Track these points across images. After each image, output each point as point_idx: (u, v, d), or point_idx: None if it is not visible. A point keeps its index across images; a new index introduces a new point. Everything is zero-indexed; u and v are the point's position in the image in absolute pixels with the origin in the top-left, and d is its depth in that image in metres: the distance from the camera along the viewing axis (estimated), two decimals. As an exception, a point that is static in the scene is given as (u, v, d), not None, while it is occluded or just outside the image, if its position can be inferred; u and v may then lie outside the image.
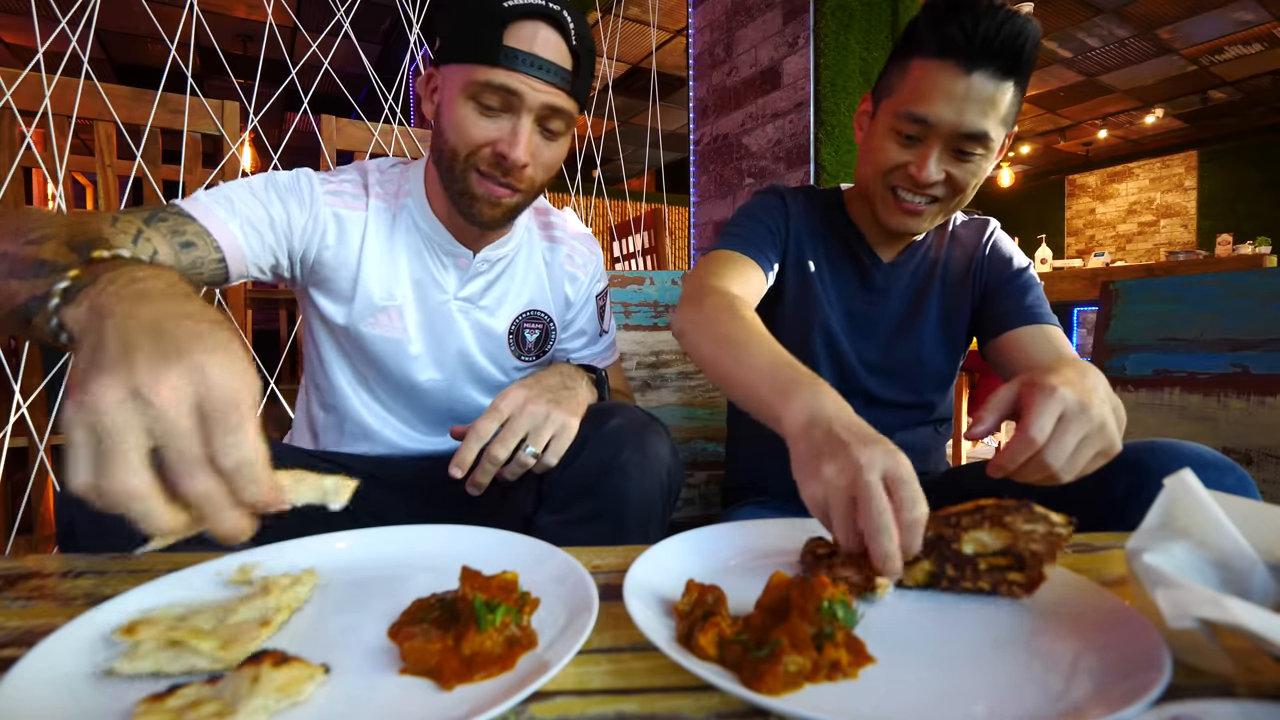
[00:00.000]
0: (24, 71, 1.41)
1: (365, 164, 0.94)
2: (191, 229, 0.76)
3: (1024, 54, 0.78)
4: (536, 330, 0.99)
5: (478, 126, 0.80)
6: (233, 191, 0.81)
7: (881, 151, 0.88)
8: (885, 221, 0.92)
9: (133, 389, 0.36)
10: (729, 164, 2.83)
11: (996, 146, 0.84)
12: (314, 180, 0.87)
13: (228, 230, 0.79)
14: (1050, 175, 10.43)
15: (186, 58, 1.74)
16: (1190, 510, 0.44)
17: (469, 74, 0.79)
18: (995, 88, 0.79)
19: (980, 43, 0.77)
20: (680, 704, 0.35)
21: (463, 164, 0.82)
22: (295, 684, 0.33)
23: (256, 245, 0.82)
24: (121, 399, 0.36)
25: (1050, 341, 0.90)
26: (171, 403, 0.36)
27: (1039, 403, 0.53)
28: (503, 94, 0.78)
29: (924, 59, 0.82)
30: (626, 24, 4.84)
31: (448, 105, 0.82)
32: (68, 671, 0.36)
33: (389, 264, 0.89)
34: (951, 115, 0.81)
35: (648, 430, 0.76)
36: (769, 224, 0.97)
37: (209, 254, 0.78)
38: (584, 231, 1.07)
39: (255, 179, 0.85)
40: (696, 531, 0.57)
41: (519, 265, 0.98)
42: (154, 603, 0.44)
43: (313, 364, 0.99)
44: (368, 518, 0.89)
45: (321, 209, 0.86)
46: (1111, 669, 0.37)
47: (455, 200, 0.85)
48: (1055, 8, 5.36)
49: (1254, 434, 1.18)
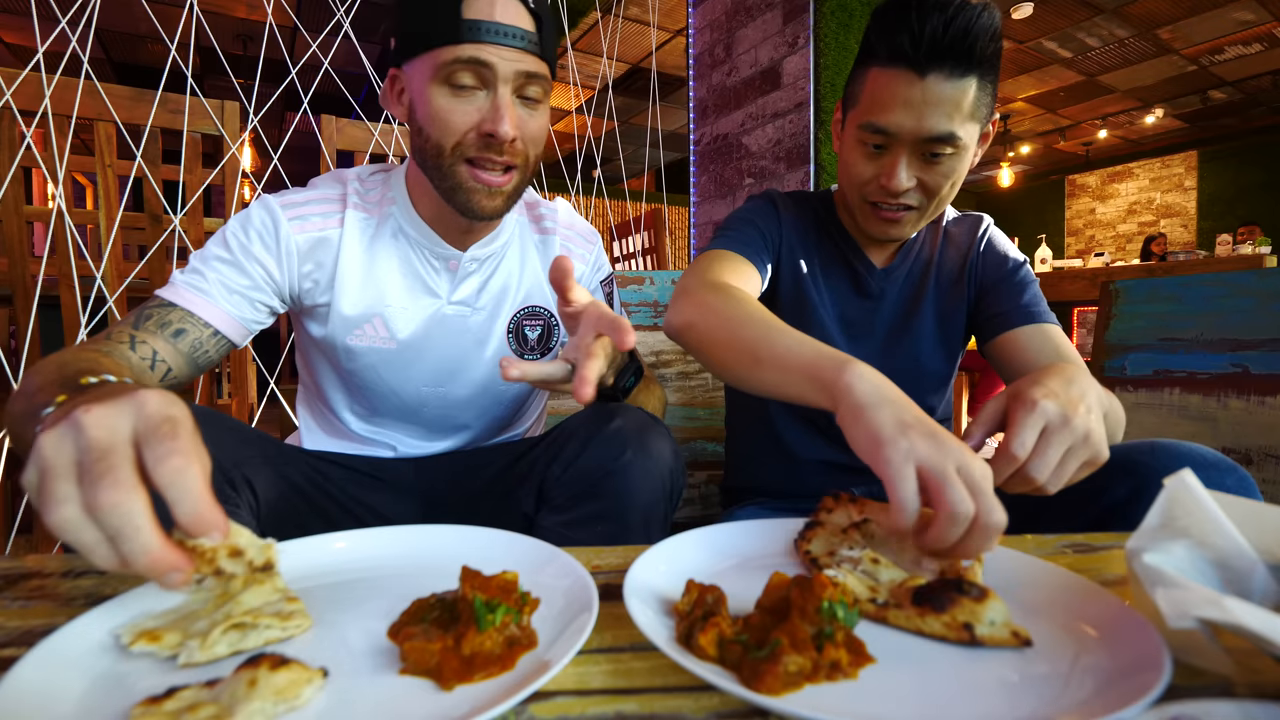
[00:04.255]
0: (24, 71, 1.41)
1: (344, 173, 0.91)
2: (176, 316, 0.77)
3: (977, 49, 0.76)
4: (538, 327, 0.97)
5: (456, 111, 0.77)
6: (206, 265, 0.81)
7: (853, 166, 0.88)
8: (867, 230, 0.93)
9: (66, 423, 0.37)
10: (729, 164, 2.83)
11: (969, 143, 0.82)
12: (276, 214, 0.83)
13: (213, 307, 0.79)
14: (1050, 175, 10.43)
15: (186, 58, 1.74)
16: (1190, 510, 0.44)
17: (434, 58, 0.76)
18: (954, 87, 0.77)
19: (928, 46, 0.76)
20: (680, 704, 0.35)
21: (450, 157, 0.79)
22: (293, 687, 0.33)
23: (246, 309, 0.82)
24: (59, 433, 0.37)
25: (1049, 340, 0.90)
26: (96, 422, 0.37)
27: (1020, 418, 0.54)
28: (474, 68, 0.75)
29: (879, 67, 0.81)
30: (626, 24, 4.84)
31: (419, 99, 0.79)
32: (68, 671, 0.36)
33: (370, 274, 0.87)
34: (911, 123, 0.79)
35: (649, 431, 0.75)
36: (762, 228, 0.97)
37: (203, 334, 0.79)
38: (580, 222, 1.04)
39: (224, 236, 0.83)
40: (696, 531, 0.57)
41: (512, 261, 0.95)
42: (155, 604, 0.44)
43: (305, 377, 0.98)
44: (368, 517, 0.89)
45: (291, 242, 0.84)
46: (1111, 669, 0.37)
47: (449, 197, 0.82)
48: (1055, 8, 5.36)
49: (1254, 434, 1.18)
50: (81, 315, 1.49)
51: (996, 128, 0.89)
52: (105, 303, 1.53)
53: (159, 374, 0.75)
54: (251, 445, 0.78)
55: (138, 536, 0.36)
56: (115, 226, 1.50)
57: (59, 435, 0.37)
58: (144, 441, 0.38)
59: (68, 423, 0.38)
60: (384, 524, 0.59)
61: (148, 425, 0.38)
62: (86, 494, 0.36)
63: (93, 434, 0.37)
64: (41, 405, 0.49)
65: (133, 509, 0.36)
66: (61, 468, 0.37)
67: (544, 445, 0.84)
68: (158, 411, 0.39)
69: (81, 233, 1.65)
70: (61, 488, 0.36)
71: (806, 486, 1.02)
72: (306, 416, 1.00)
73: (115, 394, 0.40)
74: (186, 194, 1.59)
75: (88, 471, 0.36)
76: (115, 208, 1.49)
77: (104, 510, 0.35)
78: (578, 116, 2.75)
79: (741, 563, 0.55)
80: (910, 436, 0.48)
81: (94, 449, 0.37)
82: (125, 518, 0.35)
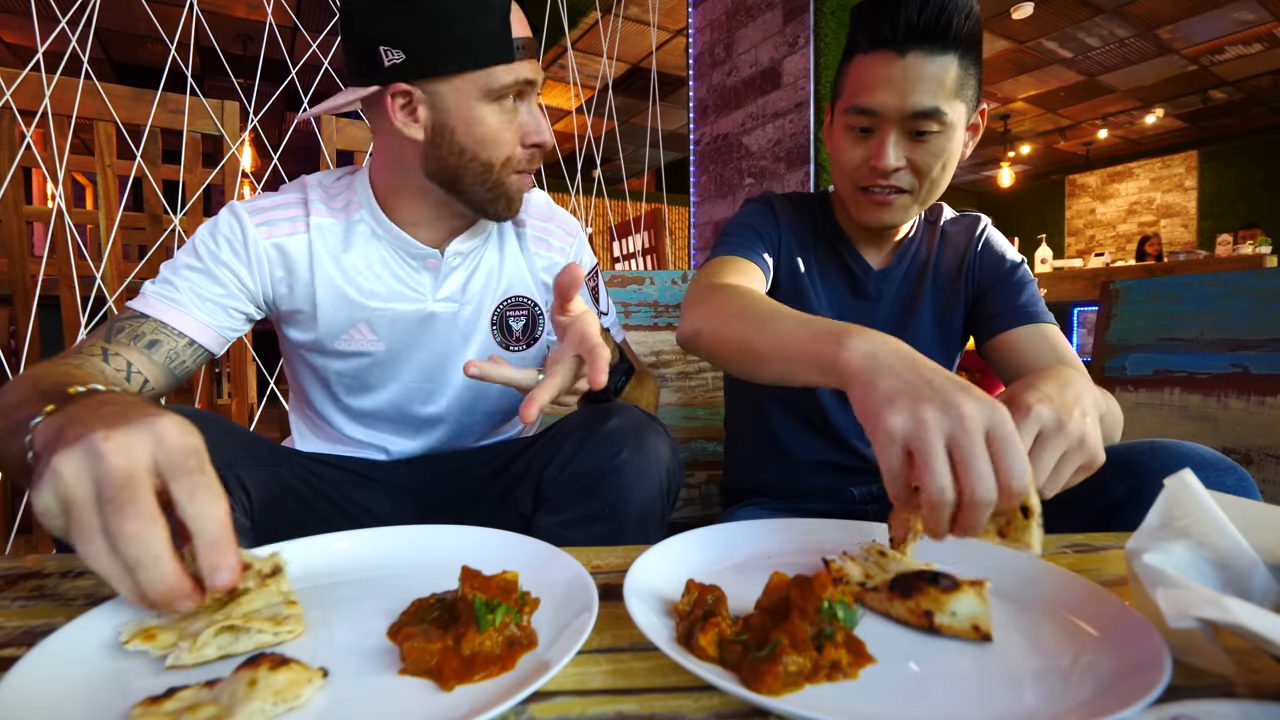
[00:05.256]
0: (24, 71, 1.41)
1: (306, 180, 0.89)
2: (149, 327, 0.76)
3: (953, 27, 0.78)
4: (522, 317, 0.95)
5: (506, 130, 0.80)
6: (177, 275, 0.80)
7: (843, 153, 0.89)
8: (860, 219, 0.92)
9: (83, 447, 0.37)
10: (729, 164, 2.83)
11: (956, 122, 0.83)
12: (244, 220, 0.82)
13: (186, 317, 0.78)
14: (1050, 175, 10.43)
15: (186, 58, 1.74)
16: (1190, 510, 0.44)
17: (488, 79, 0.76)
18: (935, 65, 0.80)
19: (906, 27, 0.79)
20: (680, 704, 0.35)
21: (499, 172, 0.81)
22: (293, 687, 0.33)
23: (221, 317, 0.81)
24: (78, 457, 0.37)
25: (1047, 340, 0.90)
26: (118, 449, 0.37)
27: (1015, 424, 0.53)
28: (522, 87, 0.78)
29: (861, 55, 0.84)
30: (626, 24, 4.84)
31: (463, 118, 0.78)
32: (68, 671, 0.36)
33: (347, 279, 0.85)
34: (895, 100, 0.81)
35: (647, 430, 0.75)
36: (761, 231, 0.97)
37: (178, 344, 0.78)
38: (560, 212, 1.01)
39: (194, 244, 0.82)
40: (696, 531, 0.57)
41: (492, 253, 0.94)
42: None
43: (293, 383, 0.98)
44: (364, 518, 0.89)
45: (260, 248, 0.83)
46: (1111, 669, 0.37)
47: (483, 206, 0.83)
48: (1055, 8, 5.36)
49: (1254, 434, 1.18)
50: (81, 315, 1.49)
51: (986, 118, 0.90)
52: (105, 303, 1.53)
53: (135, 385, 0.74)
54: (244, 446, 0.78)
55: (156, 566, 0.36)
56: (115, 226, 1.50)
57: (78, 461, 0.37)
58: (169, 474, 0.38)
59: (86, 448, 0.37)
60: (380, 525, 0.59)
61: (171, 457, 0.39)
62: (109, 522, 0.36)
63: (113, 461, 0.37)
64: (26, 418, 0.48)
65: (153, 539, 0.36)
66: (87, 499, 0.37)
67: (540, 445, 0.84)
68: (180, 443, 0.39)
69: (81, 233, 1.65)
70: (91, 519, 0.37)
71: (806, 487, 1.02)
72: (297, 421, 0.99)
73: (126, 415, 0.40)
74: (186, 194, 1.59)
75: (109, 501, 0.37)
76: (115, 208, 1.49)
77: (125, 539, 0.36)
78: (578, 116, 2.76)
79: (741, 563, 0.55)
80: (899, 409, 0.45)
81: (115, 478, 0.37)
82: (145, 548, 0.36)
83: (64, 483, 0.37)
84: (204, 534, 0.38)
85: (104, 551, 0.36)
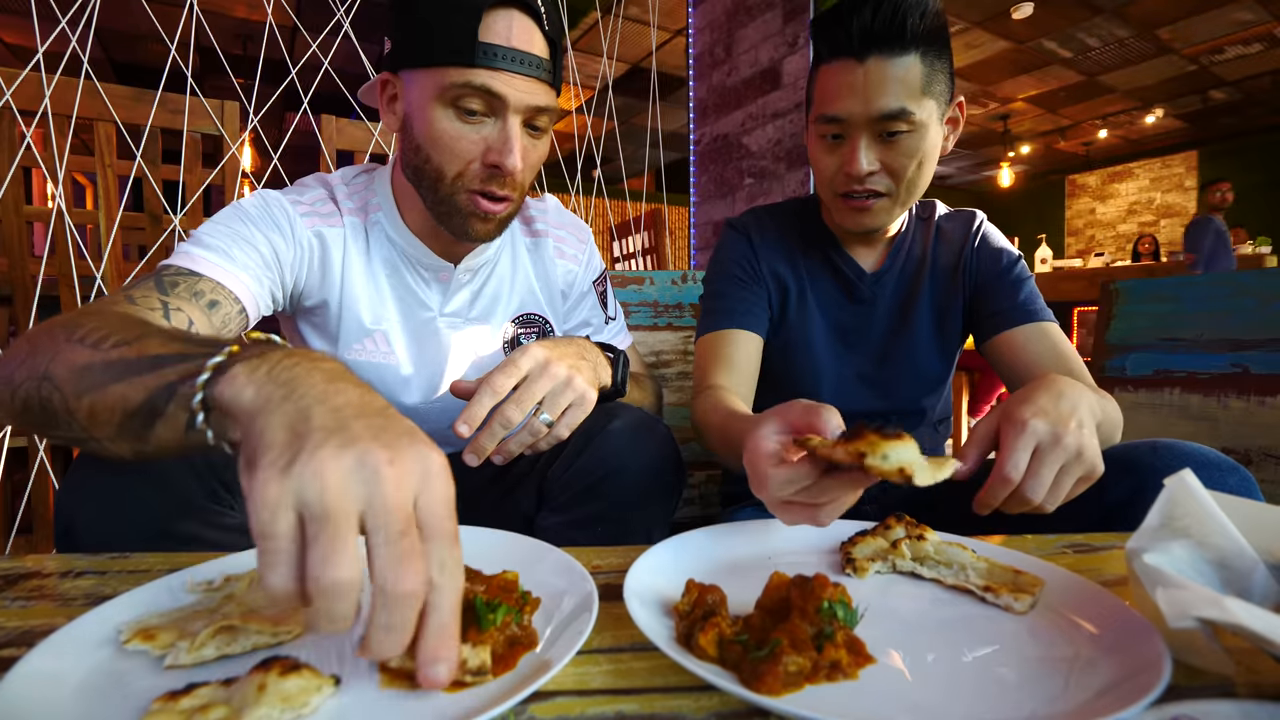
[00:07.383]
0: (24, 71, 1.41)
1: (326, 176, 0.87)
2: (207, 286, 0.70)
3: (909, 26, 0.79)
4: (533, 335, 0.95)
5: (463, 139, 0.73)
6: (218, 237, 0.73)
7: (819, 161, 0.89)
8: (843, 224, 0.93)
9: (360, 458, 0.32)
10: (729, 164, 2.83)
11: (927, 120, 0.83)
12: (284, 203, 0.79)
13: (238, 279, 0.72)
14: (1050, 175, 10.43)
15: (186, 58, 1.74)
16: (1191, 510, 0.44)
17: (442, 77, 0.71)
18: (896, 66, 0.80)
19: (861, 35, 0.80)
20: (680, 704, 0.35)
21: (450, 184, 0.76)
22: (302, 695, 0.33)
23: (259, 290, 0.76)
24: (350, 468, 0.32)
25: (1048, 340, 0.90)
26: (401, 480, 0.32)
27: (1011, 440, 0.54)
28: (484, 96, 0.72)
29: (824, 65, 0.85)
30: (626, 24, 4.83)
31: (420, 117, 0.74)
32: (68, 671, 0.36)
33: (371, 284, 0.84)
34: (859, 106, 0.82)
35: (650, 431, 0.75)
36: (744, 278, 0.98)
37: (233, 308, 0.72)
38: (571, 218, 1.01)
39: (225, 215, 0.76)
40: (696, 531, 0.57)
41: (504, 268, 0.93)
42: (154, 605, 0.44)
43: None
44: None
45: (302, 231, 0.79)
46: (1111, 669, 0.37)
47: (443, 220, 0.79)
48: (1055, 8, 5.35)
49: (1254, 434, 1.18)
50: (81, 315, 1.48)
51: (962, 114, 0.90)
52: (105, 303, 1.53)
53: None
54: None
55: (343, 620, 0.31)
56: (115, 226, 1.50)
57: (351, 475, 0.32)
58: (427, 529, 0.33)
59: (363, 462, 0.32)
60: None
61: (433, 509, 0.34)
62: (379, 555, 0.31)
63: (391, 497, 0.32)
64: (160, 355, 0.43)
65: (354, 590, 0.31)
66: (344, 515, 0.31)
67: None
68: (446, 492, 0.34)
69: (81, 233, 1.65)
70: (336, 538, 0.31)
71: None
72: None
73: (391, 429, 0.35)
74: (186, 194, 1.59)
75: (379, 528, 0.32)
76: (115, 208, 1.49)
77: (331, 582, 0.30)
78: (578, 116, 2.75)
79: (741, 563, 0.55)
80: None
81: (387, 514, 0.32)
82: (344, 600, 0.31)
83: (330, 493, 0.31)
84: (438, 615, 0.32)
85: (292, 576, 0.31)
